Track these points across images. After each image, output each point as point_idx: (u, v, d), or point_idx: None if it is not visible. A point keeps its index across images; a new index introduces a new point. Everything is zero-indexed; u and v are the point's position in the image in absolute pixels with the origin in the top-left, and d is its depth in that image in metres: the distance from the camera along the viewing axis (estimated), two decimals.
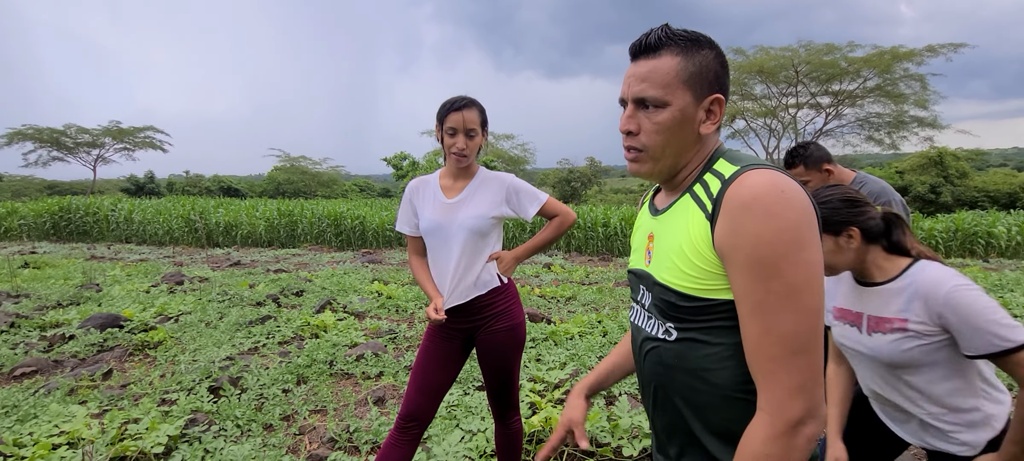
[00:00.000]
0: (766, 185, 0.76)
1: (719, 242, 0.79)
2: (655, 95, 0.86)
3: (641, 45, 0.89)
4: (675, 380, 0.90)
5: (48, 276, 7.41)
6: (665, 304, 0.89)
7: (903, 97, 21.05)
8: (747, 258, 0.76)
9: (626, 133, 0.91)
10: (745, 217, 0.76)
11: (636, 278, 1.01)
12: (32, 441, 2.59)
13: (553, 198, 1.91)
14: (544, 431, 2.69)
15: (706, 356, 0.85)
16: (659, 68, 0.86)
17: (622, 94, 0.92)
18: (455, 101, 1.77)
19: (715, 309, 0.83)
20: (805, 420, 0.75)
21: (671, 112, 0.86)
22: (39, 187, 34.43)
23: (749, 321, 0.78)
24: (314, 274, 7.63)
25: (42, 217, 14.40)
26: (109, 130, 31.06)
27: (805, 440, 0.75)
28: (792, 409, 0.75)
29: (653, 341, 0.93)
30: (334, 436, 2.78)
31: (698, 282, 0.83)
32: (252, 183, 42.47)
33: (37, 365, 3.68)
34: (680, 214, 0.89)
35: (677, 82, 0.85)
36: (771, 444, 0.75)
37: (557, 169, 35.81)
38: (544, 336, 4.44)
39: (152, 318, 4.89)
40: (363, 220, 13.02)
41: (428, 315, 1.73)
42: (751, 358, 0.79)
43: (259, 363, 3.78)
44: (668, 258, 0.88)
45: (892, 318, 1.30)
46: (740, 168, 0.82)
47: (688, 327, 0.86)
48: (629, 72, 0.90)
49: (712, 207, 0.82)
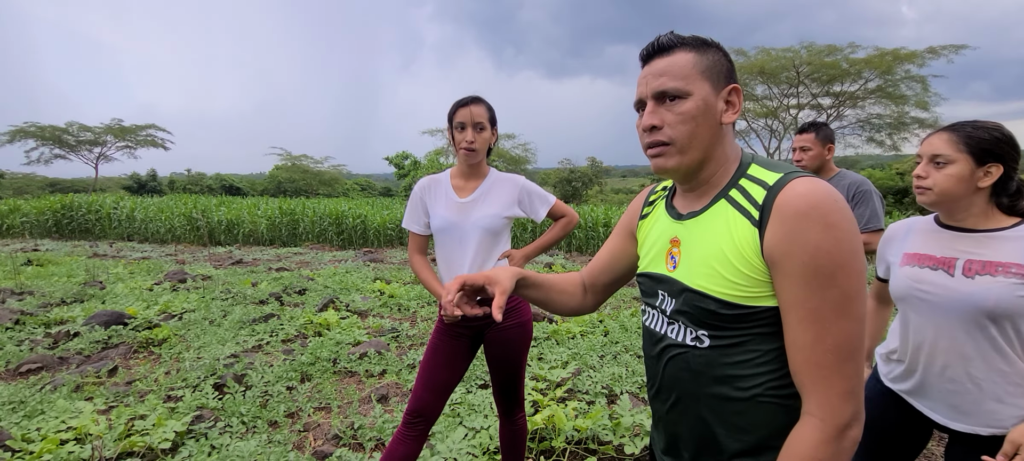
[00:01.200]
0: (822, 194, 0.77)
1: (770, 250, 0.79)
2: (676, 86, 0.86)
3: (654, 47, 0.90)
4: (702, 386, 0.89)
5: (51, 273, 7.44)
6: (700, 311, 0.87)
7: (904, 98, 21.06)
8: (803, 267, 0.76)
9: (649, 129, 0.90)
10: (803, 226, 0.76)
11: (654, 282, 0.99)
12: (40, 436, 2.61)
13: (559, 201, 1.97)
14: (547, 429, 2.71)
15: (740, 363, 0.85)
16: (676, 62, 0.87)
17: (639, 95, 0.92)
18: (463, 99, 1.84)
19: (756, 317, 0.83)
20: (852, 424, 0.77)
21: (694, 101, 0.86)
22: (41, 185, 34.47)
23: (800, 328, 0.78)
24: (316, 273, 7.65)
25: (44, 215, 14.42)
26: (111, 128, 31.13)
27: (851, 443, 0.77)
28: (842, 414, 0.77)
29: (679, 347, 0.92)
30: (339, 433, 2.81)
31: (742, 290, 0.82)
32: (254, 181, 42.52)
33: (42, 362, 3.70)
34: (717, 220, 0.88)
35: (695, 73, 0.87)
36: (822, 448, 0.77)
37: (558, 169, 35.83)
38: (545, 335, 4.46)
39: (156, 316, 4.92)
40: (364, 219, 13.04)
41: (445, 308, 1.75)
42: (800, 364, 0.79)
43: (263, 361, 3.80)
44: (706, 265, 0.87)
45: (1008, 262, 1.27)
46: (785, 175, 0.82)
47: (724, 334, 0.86)
48: (644, 73, 0.91)
49: (759, 214, 0.81)
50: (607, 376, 3.57)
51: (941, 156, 1.34)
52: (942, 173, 1.34)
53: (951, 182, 1.33)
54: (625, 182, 49.51)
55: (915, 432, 1.52)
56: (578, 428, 2.71)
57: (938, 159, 1.34)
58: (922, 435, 1.53)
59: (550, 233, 1.96)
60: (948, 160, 1.33)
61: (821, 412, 0.78)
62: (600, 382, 3.47)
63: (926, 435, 1.53)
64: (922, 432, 1.52)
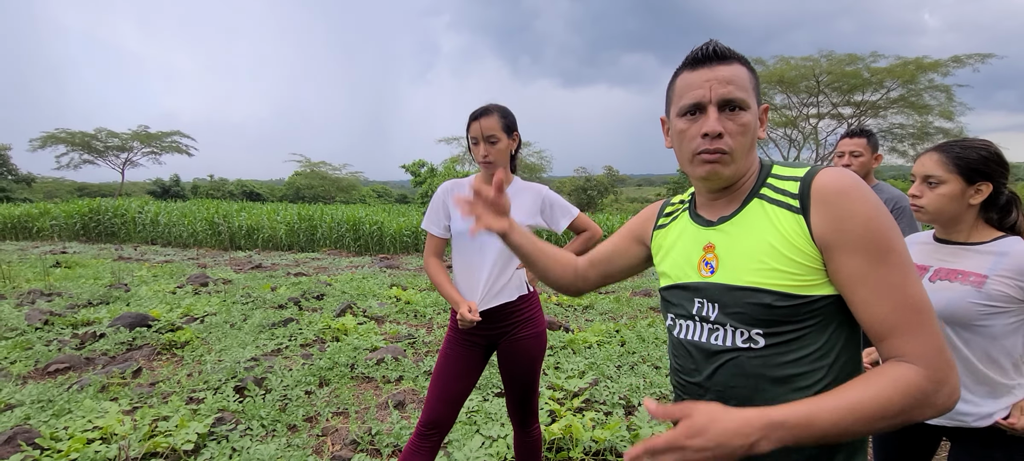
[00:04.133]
0: (851, 176, 0.82)
1: (821, 233, 0.81)
2: (742, 97, 0.88)
3: (714, 52, 0.90)
4: (759, 389, 0.87)
5: (78, 275, 7.64)
6: (753, 308, 0.86)
7: (928, 108, 20.64)
8: (860, 239, 0.79)
9: (715, 135, 0.89)
10: (846, 202, 0.80)
11: (687, 292, 0.97)
12: (67, 435, 2.68)
13: (583, 214, 1.94)
14: (564, 439, 2.70)
15: (797, 360, 0.85)
16: (739, 74, 0.89)
17: (699, 98, 0.90)
18: (474, 112, 1.80)
19: (811, 307, 0.83)
20: (950, 375, 0.76)
21: (751, 115, 0.90)
22: (70, 189, 35.49)
23: (876, 299, 0.78)
24: (333, 278, 7.74)
25: (73, 218, 14.84)
26: (137, 134, 31.99)
27: (947, 396, 0.76)
28: (941, 367, 0.75)
29: (730, 353, 0.90)
30: (356, 438, 2.82)
31: (797, 278, 0.83)
32: (273, 187, 43.22)
33: (70, 362, 3.80)
34: (756, 218, 0.90)
35: (750, 87, 0.90)
36: (923, 388, 0.75)
37: (574, 177, 35.77)
38: (562, 344, 4.44)
39: (179, 318, 5.02)
40: (381, 225, 13.16)
41: (462, 316, 1.73)
42: (888, 329, 0.78)
43: (282, 364, 3.85)
44: (754, 260, 0.87)
45: (969, 271, 1.34)
46: (812, 168, 0.87)
47: (780, 331, 0.85)
48: (707, 76, 0.89)
49: (799, 203, 0.84)
50: (624, 386, 3.54)
51: (933, 176, 1.40)
52: (935, 193, 1.40)
53: (944, 201, 1.39)
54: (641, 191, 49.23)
55: (921, 440, 1.56)
56: (596, 439, 2.69)
57: (930, 179, 1.41)
58: (930, 442, 1.57)
59: (571, 247, 1.91)
60: (940, 180, 1.39)
61: (923, 361, 0.76)
62: (617, 393, 3.44)
63: (934, 442, 1.57)
64: (929, 440, 1.56)
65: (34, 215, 15.10)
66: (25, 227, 14.91)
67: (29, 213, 15.22)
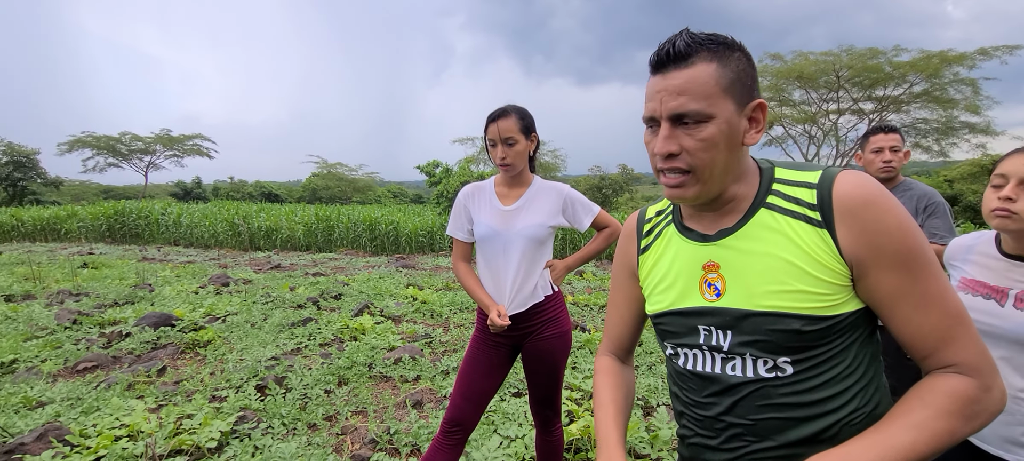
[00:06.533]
0: (871, 182, 0.75)
1: (852, 248, 0.75)
2: (697, 109, 0.75)
3: (669, 54, 0.77)
4: (790, 421, 0.80)
5: (105, 276, 7.84)
6: (778, 335, 0.78)
7: (953, 102, 20.09)
8: (897, 253, 0.73)
9: (666, 155, 0.79)
10: (878, 213, 0.74)
11: (689, 318, 0.86)
12: (96, 432, 2.75)
13: (603, 211, 1.93)
14: (582, 439, 2.69)
15: (828, 381, 0.79)
16: (696, 78, 0.75)
17: (650, 112, 0.80)
18: (491, 114, 1.80)
19: (840, 326, 0.77)
20: (997, 376, 0.74)
21: (717, 125, 0.76)
22: (95, 192, 36.45)
23: (919, 313, 0.74)
24: (351, 278, 7.82)
25: (98, 220, 15.25)
26: (160, 137, 32.72)
27: (998, 399, 0.74)
28: (987, 371, 0.73)
29: (754, 384, 0.81)
30: (375, 437, 2.85)
31: (826, 298, 0.76)
32: (290, 189, 43.86)
33: (97, 360, 3.90)
34: (766, 231, 0.80)
35: (718, 90, 0.75)
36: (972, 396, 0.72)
37: (588, 176, 35.62)
38: (579, 344, 4.43)
39: (201, 318, 5.11)
40: (397, 225, 13.27)
41: (492, 322, 1.73)
42: (934, 343, 0.75)
43: (302, 364, 3.90)
44: (772, 281, 0.78)
45: None
46: (824, 172, 0.79)
47: (809, 355, 0.78)
48: (658, 86, 0.78)
49: (821, 215, 0.76)
50: (643, 387, 3.52)
51: None
52: None
53: None
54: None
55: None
56: None
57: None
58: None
59: (593, 244, 1.90)
60: None
61: (973, 369, 0.73)
62: (636, 393, 3.42)
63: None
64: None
65: (62, 217, 15.55)
66: (54, 229, 15.38)
67: (58, 215, 15.70)
